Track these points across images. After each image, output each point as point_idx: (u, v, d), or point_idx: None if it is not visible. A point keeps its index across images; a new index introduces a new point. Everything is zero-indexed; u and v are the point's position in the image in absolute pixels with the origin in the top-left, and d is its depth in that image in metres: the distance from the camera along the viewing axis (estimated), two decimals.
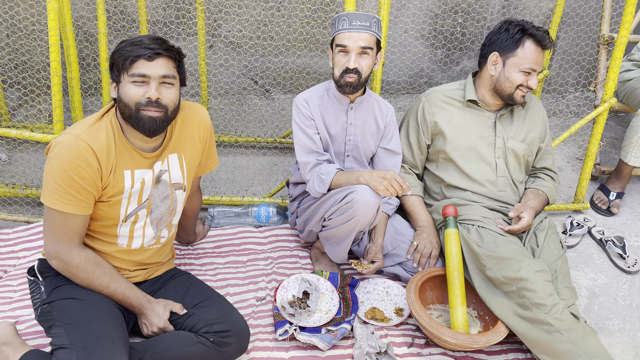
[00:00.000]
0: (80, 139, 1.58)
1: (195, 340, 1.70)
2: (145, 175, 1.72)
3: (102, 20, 2.47)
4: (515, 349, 1.97)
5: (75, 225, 1.65)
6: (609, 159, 3.22)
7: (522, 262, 1.89)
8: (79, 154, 1.57)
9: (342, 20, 1.99)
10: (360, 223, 1.97)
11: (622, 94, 2.92)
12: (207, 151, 1.95)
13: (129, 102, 1.61)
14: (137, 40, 1.61)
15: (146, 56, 1.58)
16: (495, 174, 2.23)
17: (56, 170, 1.58)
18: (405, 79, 3.60)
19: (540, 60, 2.13)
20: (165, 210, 1.81)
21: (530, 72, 2.12)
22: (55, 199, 1.60)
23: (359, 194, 1.92)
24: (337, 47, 2.01)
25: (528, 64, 2.11)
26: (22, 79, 3.20)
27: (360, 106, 2.18)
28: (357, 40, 1.97)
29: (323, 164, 2.10)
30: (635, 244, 2.61)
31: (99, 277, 1.69)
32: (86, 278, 1.68)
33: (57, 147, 1.59)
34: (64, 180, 1.58)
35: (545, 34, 2.12)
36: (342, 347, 1.92)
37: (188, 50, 3.30)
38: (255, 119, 3.33)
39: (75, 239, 1.66)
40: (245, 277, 2.24)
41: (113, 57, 1.62)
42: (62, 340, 1.56)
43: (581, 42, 3.46)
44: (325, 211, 2.05)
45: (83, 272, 1.67)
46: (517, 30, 2.13)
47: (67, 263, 1.66)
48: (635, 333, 2.12)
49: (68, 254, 1.65)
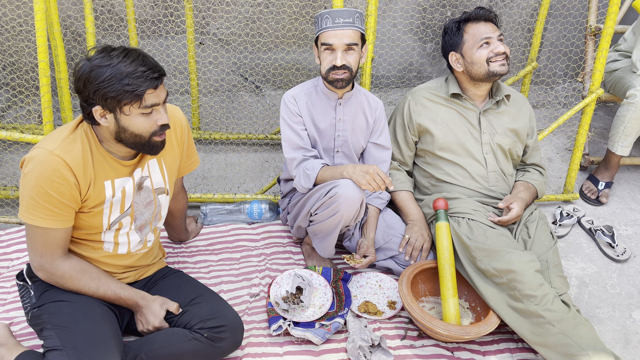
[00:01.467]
0: (54, 154, 1.54)
1: (190, 337, 1.71)
2: (125, 183, 1.70)
3: (90, 19, 2.46)
4: (506, 338, 1.99)
5: (57, 238, 1.63)
6: (597, 149, 3.26)
7: (512, 253, 1.91)
8: (54, 169, 1.54)
9: (325, 18, 1.98)
10: (344, 217, 1.98)
11: (609, 84, 2.95)
12: (186, 151, 1.93)
13: (142, 133, 1.59)
14: (131, 71, 1.50)
15: (153, 86, 1.55)
16: (486, 169, 2.25)
17: (32, 187, 1.55)
18: (394, 74, 3.61)
19: (489, 29, 2.17)
20: (149, 215, 1.81)
21: (488, 41, 2.15)
22: (34, 215, 1.57)
23: (341, 188, 1.94)
24: (322, 45, 2.01)
25: (480, 37, 2.15)
26: (10, 80, 3.18)
27: (348, 102, 2.19)
28: (342, 38, 1.98)
29: (309, 160, 2.11)
30: (624, 232, 2.65)
31: (86, 283, 1.69)
32: (73, 286, 1.68)
33: (31, 163, 1.55)
34: (41, 196, 1.55)
35: (479, 9, 2.18)
36: (335, 341, 1.94)
37: (177, 48, 3.29)
38: (246, 115, 3.34)
39: (58, 251, 1.65)
40: (239, 274, 2.25)
41: (102, 88, 1.50)
42: (53, 343, 1.57)
43: (568, 33, 3.49)
44: (311, 206, 2.07)
45: (69, 280, 1.67)
46: (454, 26, 2.22)
47: (52, 274, 1.66)
48: (625, 321, 2.16)
49: (52, 265, 1.65)
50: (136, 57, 1.53)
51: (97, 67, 1.51)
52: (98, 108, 1.54)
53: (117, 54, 1.53)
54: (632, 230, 2.66)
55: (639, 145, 3.28)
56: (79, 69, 1.54)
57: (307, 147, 2.14)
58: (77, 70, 1.55)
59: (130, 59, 1.52)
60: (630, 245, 2.56)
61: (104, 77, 1.50)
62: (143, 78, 1.51)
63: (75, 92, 1.58)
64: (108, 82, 1.50)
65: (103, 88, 1.50)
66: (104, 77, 1.50)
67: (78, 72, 1.54)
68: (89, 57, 1.54)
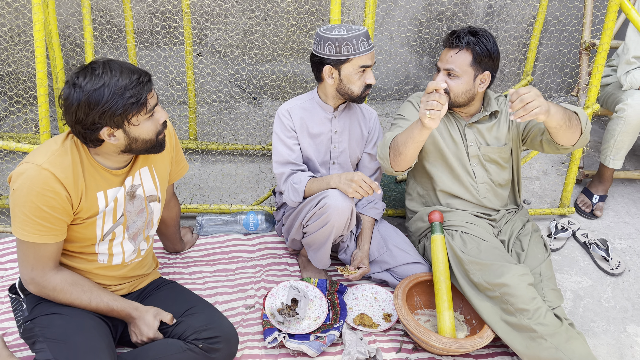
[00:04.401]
0: (43, 169, 1.52)
1: (184, 348, 1.70)
2: (117, 193, 1.70)
3: (89, 30, 2.47)
4: (501, 352, 1.99)
5: (49, 252, 1.62)
6: (592, 163, 3.28)
7: (505, 267, 1.91)
8: (44, 184, 1.52)
9: (361, 41, 2.01)
10: (335, 227, 2.00)
11: (601, 98, 2.98)
12: (175, 157, 1.94)
13: (151, 137, 1.62)
14: (127, 82, 1.50)
15: (150, 89, 1.56)
16: (475, 181, 2.25)
17: (23, 203, 1.53)
18: (391, 86, 3.63)
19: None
20: (142, 224, 1.81)
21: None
22: (27, 231, 1.56)
23: (330, 198, 1.96)
24: (360, 67, 2.05)
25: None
26: (8, 89, 3.19)
27: (343, 113, 2.21)
28: (373, 58, 2.09)
29: (296, 173, 2.13)
30: (618, 246, 2.66)
31: (78, 297, 1.67)
32: (65, 299, 1.67)
33: (21, 179, 1.52)
34: (33, 212, 1.53)
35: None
36: (330, 354, 1.93)
37: (175, 59, 3.31)
38: (243, 126, 3.35)
39: (50, 264, 1.64)
40: (234, 285, 2.24)
41: (108, 108, 1.49)
42: (46, 356, 1.56)
43: (563, 48, 3.52)
44: (302, 218, 2.09)
45: (61, 293, 1.66)
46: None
47: (43, 287, 1.64)
48: (620, 335, 2.16)
49: (43, 279, 1.63)
50: (121, 68, 1.53)
51: (94, 91, 1.48)
52: (106, 129, 1.53)
53: (102, 71, 1.50)
54: (627, 243, 2.68)
55: (632, 159, 3.30)
56: (70, 99, 1.50)
57: (298, 162, 2.17)
58: (68, 101, 1.50)
59: (118, 71, 1.51)
60: (624, 259, 2.57)
61: (106, 97, 1.48)
62: (140, 85, 1.53)
63: (73, 123, 1.53)
64: (111, 101, 1.49)
65: (109, 109, 1.49)
66: (106, 97, 1.48)
67: (71, 103, 1.50)
68: (74, 84, 1.50)
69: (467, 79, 2.09)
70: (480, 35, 2.07)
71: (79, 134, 1.55)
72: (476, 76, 2.10)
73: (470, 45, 2.05)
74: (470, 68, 2.08)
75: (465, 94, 2.11)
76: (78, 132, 1.55)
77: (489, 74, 2.11)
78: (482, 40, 2.06)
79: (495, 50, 2.09)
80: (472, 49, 2.06)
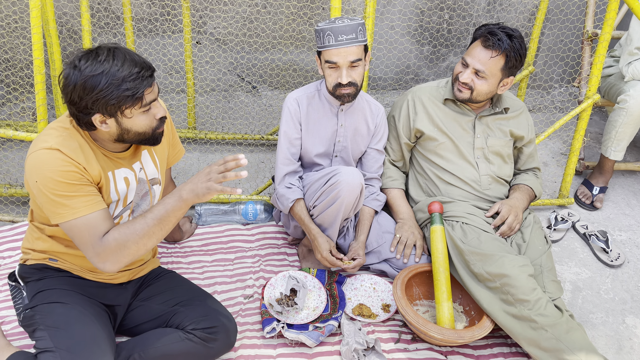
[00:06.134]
0: (53, 149, 1.50)
1: (183, 337, 1.70)
2: (128, 175, 1.70)
3: (86, 17, 2.44)
4: (500, 343, 1.99)
5: (98, 222, 1.54)
6: (592, 154, 3.26)
7: (505, 258, 1.91)
8: (61, 160, 1.50)
9: (327, 35, 1.94)
10: (345, 204, 2.00)
11: (603, 89, 2.96)
12: (171, 140, 1.92)
13: (145, 130, 1.59)
14: (126, 74, 1.48)
15: (149, 85, 1.53)
16: (478, 173, 2.25)
17: (52, 187, 1.50)
18: (391, 76, 3.61)
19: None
20: (146, 207, 1.80)
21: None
22: (68, 210, 1.50)
23: (342, 175, 1.98)
24: (326, 62, 1.99)
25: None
26: (5, 77, 3.16)
27: (351, 108, 2.19)
28: (347, 56, 1.96)
29: (292, 189, 2.14)
30: (618, 238, 2.65)
31: (142, 226, 1.54)
32: (137, 241, 1.53)
33: (36, 169, 1.50)
34: (63, 189, 1.50)
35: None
36: (329, 344, 1.93)
37: (174, 47, 3.28)
38: (242, 116, 3.32)
39: (103, 232, 1.55)
40: (233, 275, 2.24)
41: (102, 97, 1.47)
42: (46, 344, 1.56)
43: (565, 38, 3.50)
44: (309, 199, 2.08)
45: (130, 241, 1.53)
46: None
47: (112, 252, 1.53)
48: (618, 326, 2.16)
49: (104, 248, 1.53)
50: (125, 58, 1.50)
51: (91, 77, 1.46)
52: (98, 116, 1.51)
53: (105, 58, 1.48)
54: (626, 235, 2.67)
55: (633, 151, 3.29)
56: (68, 79, 1.48)
57: (294, 159, 2.18)
58: (67, 81, 1.49)
59: (120, 61, 1.48)
60: (624, 251, 2.56)
61: (101, 86, 1.46)
62: (140, 79, 1.49)
63: (68, 103, 1.51)
64: (106, 90, 1.46)
65: (102, 97, 1.47)
66: (101, 86, 1.46)
67: (68, 83, 1.48)
68: (75, 65, 1.48)
69: (494, 82, 2.10)
70: (515, 39, 2.05)
71: (73, 114, 1.54)
72: (502, 80, 2.11)
73: (507, 50, 2.04)
74: (500, 72, 2.09)
75: (487, 94, 2.14)
76: (72, 112, 1.54)
77: (512, 79, 2.13)
78: (517, 46, 2.05)
79: (525, 55, 2.10)
80: (508, 54, 2.05)
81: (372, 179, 2.32)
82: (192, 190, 1.51)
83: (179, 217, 1.57)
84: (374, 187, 2.31)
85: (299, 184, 2.17)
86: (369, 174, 2.30)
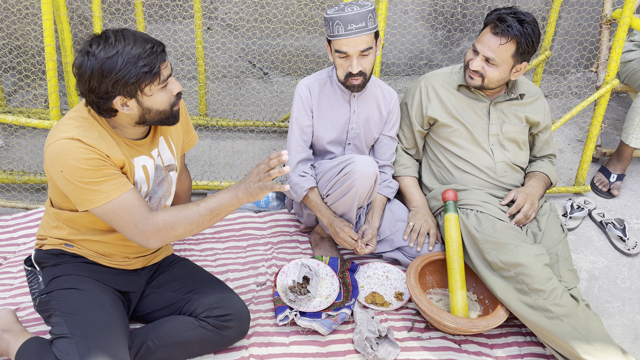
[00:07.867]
0: (74, 139, 1.50)
1: (196, 325, 1.72)
2: (147, 162, 1.69)
3: (97, 3, 2.43)
4: (514, 332, 1.97)
5: (135, 201, 1.57)
6: (610, 141, 3.21)
7: (520, 247, 1.88)
8: (84, 148, 1.50)
9: (336, 24, 1.91)
10: (359, 194, 1.98)
11: (623, 74, 2.89)
12: (186, 127, 1.92)
13: (165, 108, 1.59)
14: (140, 51, 1.48)
15: (164, 59, 1.54)
16: (493, 160, 2.21)
17: (79, 175, 1.50)
18: (404, 61, 3.56)
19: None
20: (163, 193, 1.80)
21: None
22: (100, 194, 1.52)
23: (357, 164, 1.95)
24: (336, 52, 1.97)
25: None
26: (17, 64, 3.16)
27: (363, 95, 2.15)
28: (357, 45, 1.92)
29: (305, 177, 2.12)
30: (635, 226, 2.61)
31: (194, 213, 1.58)
32: (187, 223, 1.58)
33: (60, 159, 1.50)
34: (92, 175, 1.51)
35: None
36: (342, 332, 1.93)
37: (184, 33, 3.26)
38: (254, 102, 3.30)
39: (145, 208, 1.58)
40: (245, 263, 2.24)
41: (121, 76, 1.47)
42: (61, 330, 1.57)
43: (583, 22, 3.42)
44: (323, 188, 2.06)
45: (178, 224, 1.58)
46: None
47: (158, 229, 1.57)
48: (635, 315, 2.13)
49: (151, 223, 1.57)
50: (134, 37, 1.51)
51: (107, 59, 1.46)
52: (119, 98, 1.52)
53: (115, 39, 1.48)
54: None
55: None
56: (83, 67, 1.48)
57: (305, 146, 2.15)
58: (81, 69, 1.48)
59: (132, 40, 1.49)
60: None
61: (119, 65, 1.46)
62: (154, 54, 1.50)
63: (86, 92, 1.51)
64: (125, 69, 1.47)
65: (122, 77, 1.47)
66: (119, 65, 1.46)
67: (84, 71, 1.48)
68: (87, 52, 1.48)
69: (505, 69, 2.06)
70: (527, 24, 1.99)
71: (92, 103, 1.54)
72: (514, 66, 2.07)
73: (517, 36, 1.99)
74: (511, 59, 2.04)
75: (499, 81, 2.11)
76: (92, 101, 1.53)
77: (526, 64, 2.08)
78: (529, 31, 1.99)
79: (538, 40, 2.03)
80: (518, 40, 2.00)
81: (384, 166, 2.29)
82: (246, 189, 1.60)
83: (229, 213, 1.64)
84: (386, 174, 2.29)
85: (312, 172, 2.16)
86: (382, 161, 2.28)
